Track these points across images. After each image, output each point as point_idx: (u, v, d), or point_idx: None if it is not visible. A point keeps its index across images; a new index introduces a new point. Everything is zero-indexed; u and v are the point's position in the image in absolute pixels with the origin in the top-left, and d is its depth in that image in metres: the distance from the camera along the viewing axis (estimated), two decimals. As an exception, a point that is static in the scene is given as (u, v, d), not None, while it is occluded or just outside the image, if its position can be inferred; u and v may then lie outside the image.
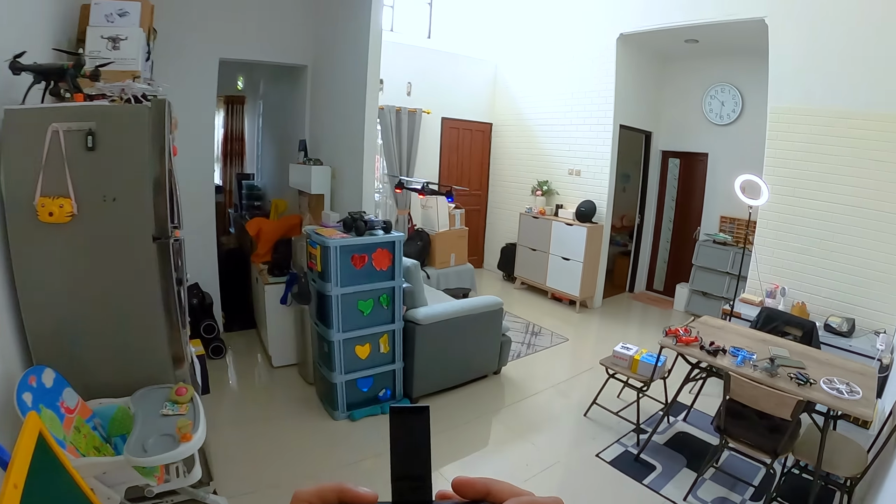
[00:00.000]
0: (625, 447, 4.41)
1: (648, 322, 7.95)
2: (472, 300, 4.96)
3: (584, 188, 8.02)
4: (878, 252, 5.44)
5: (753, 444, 3.55)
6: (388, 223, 4.31)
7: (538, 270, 8.26)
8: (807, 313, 5.58)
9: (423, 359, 4.54)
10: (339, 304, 4.02)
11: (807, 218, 5.83)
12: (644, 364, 4.52)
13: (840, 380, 3.53)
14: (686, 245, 8.74)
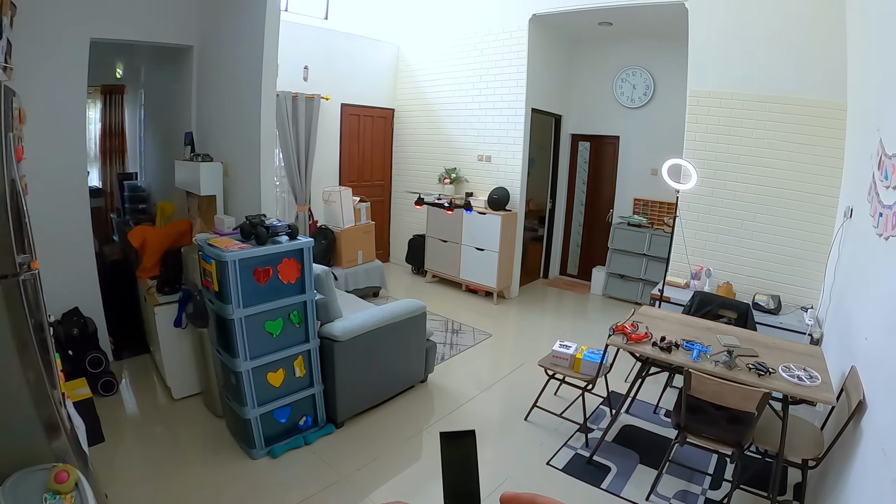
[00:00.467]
0: (574, 450, 4.18)
1: (568, 309, 7.76)
2: (392, 306, 4.41)
3: (495, 175, 7.63)
4: (798, 231, 5.60)
5: (716, 439, 3.44)
6: (294, 227, 3.67)
7: (450, 262, 7.79)
8: (733, 293, 5.63)
9: (344, 378, 3.96)
10: (244, 328, 3.37)
11: (728, 199, 5.89)
12: (587, 363, 4.26)
13: (796, 365, 3.50)
14: (599, 228, 8.66)
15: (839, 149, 5.30)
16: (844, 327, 4.10)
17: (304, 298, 3.62)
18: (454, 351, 5.75)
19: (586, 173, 8.71)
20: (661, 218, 7.86)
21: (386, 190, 8.83)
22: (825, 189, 5.43)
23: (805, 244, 5.62)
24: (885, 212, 3.25)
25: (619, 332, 3.88)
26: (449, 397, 4.82)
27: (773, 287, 5.83)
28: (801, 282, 5.70)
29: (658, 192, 7.94)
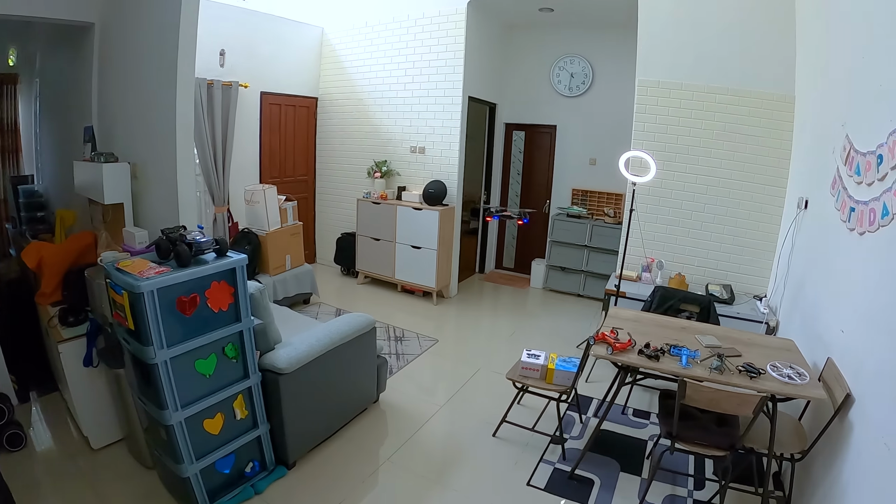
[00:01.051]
0: (552, 465, 3.91)
1: (512, 306, 7.42)
2: (338, 324, 3.83)
3: (429, 167, 7.14)
4: (747, 220, 5.70)
5: (708, 444, 3.31)
6: (222, 242, 3.03)
7: (384, 262, 7.25)
8: (686, 285, 5.59)
9: (292, 413, 3.39)
10: (171, 372, 2.72)
11: (677, 191, 5.87)
12: (561, 373, 3.93)
13: (782, 363, 3.47)
14: (535, 220, 8.29)
15: (787, 141, 5.39)
16: (810, 318, 4.11)
17: (240, 328, 3.01)
18: (401, 361, 5.25)
19: (521, 164, 8.38)
20: (601, 208, 7.64)
21: (310, 186, 8.14)
22: (773, 180, 5.50)
23: (754, 234, 5.70)
24: (861, 207, 3.30)
25: (601, 341, 3.58)
26: (406, 418, 4.32)
27: (723, 276, 5.88)
28: (751, 270, 5.80)
29: (597, 183, 7.76)
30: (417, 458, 3.84)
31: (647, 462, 4.04)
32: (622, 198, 7.52)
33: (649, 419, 4.63)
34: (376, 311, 6.40)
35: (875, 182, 3.15)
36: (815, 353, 3.79)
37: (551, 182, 8.12)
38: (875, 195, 3.13)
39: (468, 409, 4.56)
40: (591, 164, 7.78)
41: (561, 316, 7.10)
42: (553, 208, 8.08)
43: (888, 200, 2.94)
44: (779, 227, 5.61)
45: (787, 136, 5.41)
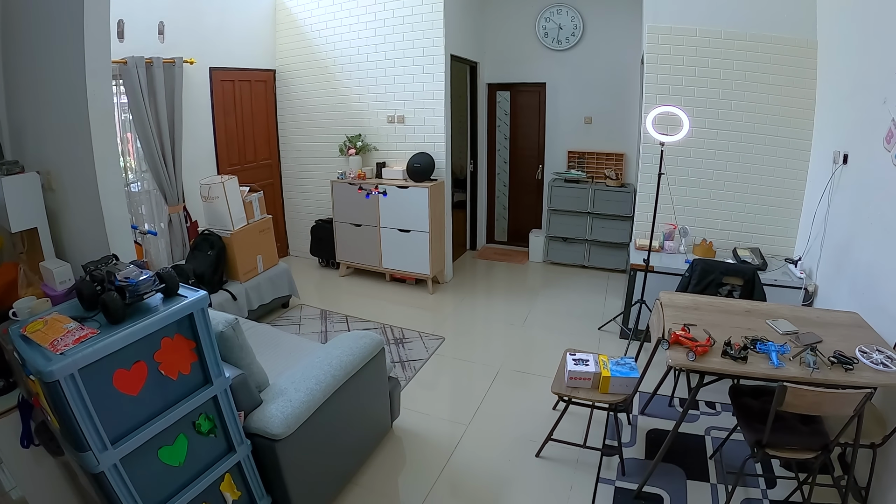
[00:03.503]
0: (611, 483, 3.35)
1: (516, 286, 6.67)
2: (339, 352, 2.96)
3: (412, 138, 6.23)
4: (773, 178, 5.25)
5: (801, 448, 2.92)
6: (168, 277, 2.10)
7: (368, 250, 6.35)
8: (713, 251, 5.14)
9: (297, 479, 2.56)
10: (125, 477, 1.87)
11: (696, 148, 5.26)
12: (620, 380, 3.26)
13: (868, 347, 3.12)
14: (527, 187, 7.64)
15: (811, 90, 4.96)
16: (866, 287, 3.81)
17: (212, 392, 2.16)
18: (408, 371, 4.45)
19: (508, 127, 7.55)
20: (602, 171, 6.90)
21: (274, 170, 7.11)
22: (798, 133, 5.08)
23: (780, 191, 5.26)
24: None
25: (677, 344, 2.99)
26: (429, 447, 3.56)
27: (748, 240, 5.40)
28: (778, 231, 5.36)
29: (595, 143, 7.03)
30: (456, 500, 3.13)
31: (710, 462, 3.58)
32: (623, 158, 6.87)
33: (699, 409, 4.12)
34: (366, 307, 5.64)
35: None
36: (882, 327, 3.46)
37: (543, 145, 7.33)
38: None
39: (499, 424, 3.83)
40: (587, 122, 7.02)
41: (571, 292, 6.39)
42: (547, 174, 7.31)
43: None
44: (805, 184, 5.21)
45: (810, 84, 4.96)
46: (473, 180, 7.57)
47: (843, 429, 2.83)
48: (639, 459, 3.55)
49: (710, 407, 4.14)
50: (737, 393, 3.28)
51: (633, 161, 6.57)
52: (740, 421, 3.14)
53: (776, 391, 2.68)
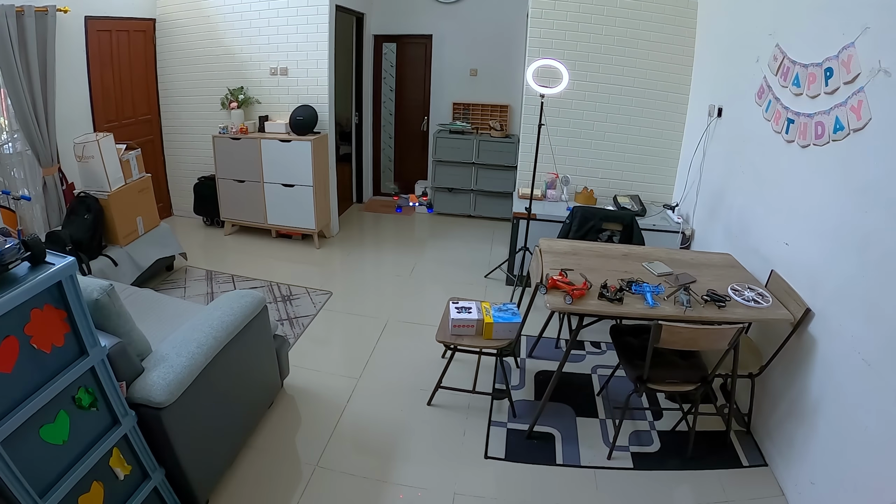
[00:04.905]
0: (503, 426, 3.48)
1: (403, 237, 6.77)
2: (220, 313, 2.85)
3: (294, 91, 6.04)
4: (652, 129, 5.55)
5: (680, 381, 3.13)
6: (34, 243, 1.92)
7: (253, 207, 6.15)
8: (594, 199, 5.40)
9: (188, 447, 2.49)
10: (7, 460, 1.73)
11: (577, 100, 5.50)
12: (502, 326, 3.33)
13: (740, 285, 3.39)
14: (413, 139, 7.68)
15: (690, 48, 5.27)
16: (739, 230, 4.12)
17: (89, 363, 2.04)
18: (296, 328, 4.40)
19: (394, 79, 7.46)
20: (486, 122, 6.99)
21: (154, 126, 6.60)
22: (676, 87, 5.39)
23: (658, 142, 5.57)
24: (802, 120, 3.29)
25: (555, 289, 3.10)
26: (321, 403, 3.57)
27: (628, 187, 5.70)
28: (656, 179, 5.70)
29: (480, 95, 7.11)
30: (351, 454, 3.17)
31: (598, 399, 3.80)
32: (507, 109, 6.98)
33: (585, 350, 4.36)
34: (252, 265, 5.51)
35: (821, 95, 3.10)
36: (753, 266, 3.76)
37: (429, 97, 7.33)
38: (822, 108, 3.08)
39: (390, 375, 3.90)
40: (472, 75, 7.09)
41: (457, 241, 6.54)
42: (433, 125, 7.32)
43: (841, 115, 2.90)
44: (682, 135, 5.51)
45: (689, 42, 5.24)
46: (359, 133, 7.47)
47: (720, 362, 3.02)
48: (529, 401, 3.70)
49: (595, 347, 4.38)
50: (617, 332, 3.47)
51: (518, 112, 6.68)
52: (622, 359, 3.30)
53: (652, 329, 2.81)
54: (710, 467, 3.25)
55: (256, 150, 5.89)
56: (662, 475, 3.19)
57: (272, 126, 5.93)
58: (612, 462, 3.24)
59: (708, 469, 3.24)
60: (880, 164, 2.64)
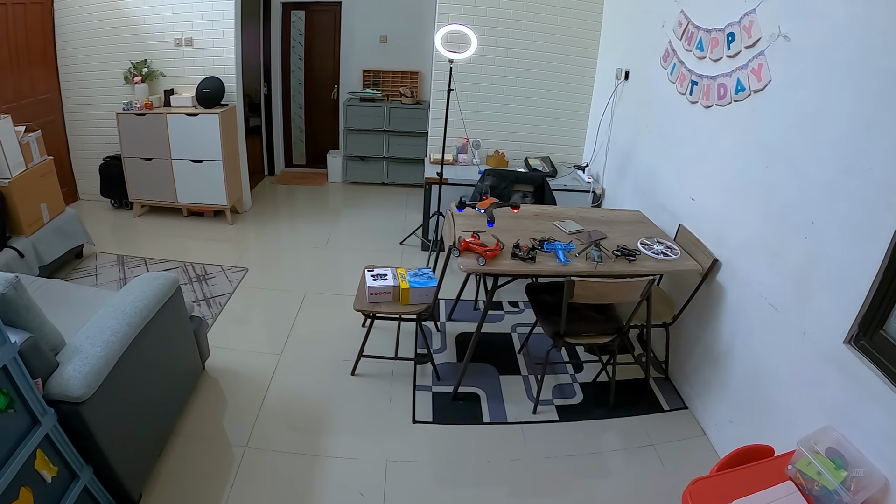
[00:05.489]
0: (429, 390, 3.49)
1: (316, 208, 6.61)
2: (133, 298, 2.66)
3: (200, 62, 5.69)
4: (562, 92, 5.67)
5: (596, 334, 3.23)
6: None
7: (162, 185, 5.79)
8: (506, 162, 5.49)
9: (113, 441, 2.34)
10: None
11: (487, 65, 5.53)
12: (419, 290, 3.32)
13: (649, 239, 3.52)
14: (323, 109, 7.48)
15: (598, 13, 5.38)
16: (647, 187, 4.28)
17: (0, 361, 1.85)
18: (214, 308, 4.22)
19: (303, 48, 7.21)
20: (397, 89, 6.90)
21: (55, 105, 5.99)
22: (585, 52, 5.51)
23: (567, 104, 5.70)
24: (706, 82, 3.44)
25: (468, 251, 3.11)
26: (245, 383, 3.44)
27: (539, 149, 5.78)
28: (566, 141, 5.85)
29: (390, 62, 7.01)
30: (280, 432, 3.08)
31: (520, 357, 3.88)
32: (418, 76, 6.90)
33: (504, 309, 4.42)
34: (165, 247, 5.23)
35: (724, 58, 3.26)
36: (661, 220, 3.94)
37: (339, 66, 7.13)
38: (725, 71, 3.24)
39: (312, 349, 3.82)
40: (382, 42, 6.96)
41: (371, 209, 6.50)
42: (343, 94, 7.14)
43: (742, 77, 3.06)
44: (591, 98, 5.67)
45: (597, 7, 5.34)
46: (268, 104, 7.20)
47: (633, 313, 3.14)
48: (451, 363, 3.74)
49: (513, 306, 4.46)
50: (533, 290, 3.53)
51: (428, 79, 6.63)
52: (538, 316, 3.37)
53: (565, 285, 2.87)
54: (633, 413, 3.39)
55: (163, 125, 5.53)
56: (588, 424, 3.30)
57: (178, 100, 5.61)
58: (538, 416, 3.32)
59: (631, 416, 3.37)
60: (780, 122, 2.77)
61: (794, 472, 2.17)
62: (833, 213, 2.40)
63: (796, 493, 2.12)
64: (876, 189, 2.15)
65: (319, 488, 2.73)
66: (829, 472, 2.03)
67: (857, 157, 2.26)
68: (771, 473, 2.22)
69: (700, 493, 2.10)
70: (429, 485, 2.82)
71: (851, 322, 2.26)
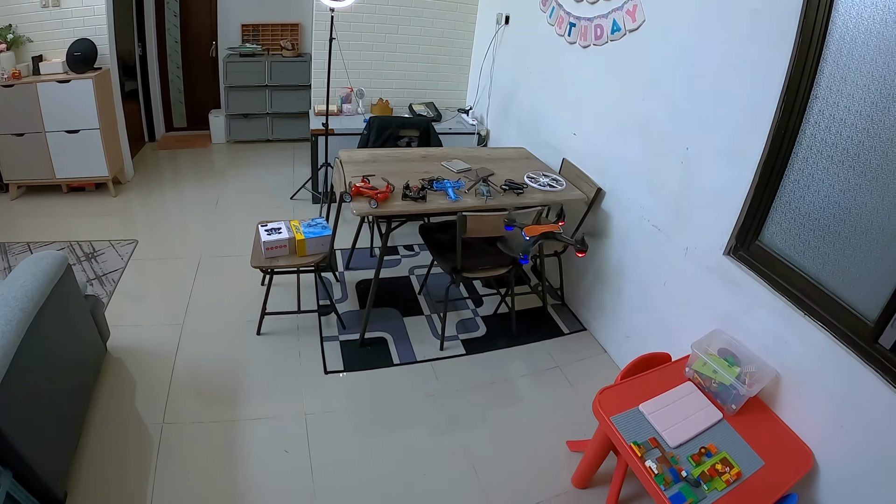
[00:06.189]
0: (336, 340, 3.48)
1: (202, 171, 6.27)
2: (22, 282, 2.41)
3: (69, 23, 5.11)
4: (442, 38, 5.63)
5: (492, 267, 3.32)
6: None
7: (38, 162, 5.19)
8: (390, 109, 5.47)
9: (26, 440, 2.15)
10: None
11: (368, 14, 5.37)
12: (314, 240, 3.28)
13: (535, 173, 3.63)
14: (202, 67, 7.03)
15: None
16: (530, 125, 4.38)
17: None
18: (107, 285, 3.94)
19: (178, 4, 6.64)
20: (277, 42, 6.62)
21: None
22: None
23: (449, 50, 5.71)
24: (583, 24, 3.54)
25: (359, 196, 3.11)
26: (151, 359, 3.25)
27: (423, 96, 5.81)
28: (449, 86, 5.89)
29: (269, 15, 6.65)
30: (194, 403, 2.97)
31: (420, 298, 3.95)
32: (298, 28, 6.64)
33: (400, 254, 4.47)
34: (48, 228, 4.77)
35: (600, 1, 3.36)
36: (545, 156, 4.07)
37: (216, 21, 6.68)
38: (601, 13, 3.34)
39: (214, 314, 3.68)
40: (261, -7, 6.57)
41: (258, 168, 6.29)
42: (222, 50, 6.75)
43: (618, 18, 3.17)
44: (472, 43, 5.69)
45: None
46: (144, 65, 6.67)
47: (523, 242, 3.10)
48: (355, 311, 3.79)
49: (408, 250, 4.52)
50: (427, 231, 3.58)
51: (309, 30, 6.37)
52: (434, 255, 3.45)
53: (457, 221, 2.96)
54: (536, 340, 3.55)
55: (33, 95, 4.95)
56: (494, 355, 3.43)
57: (48, 66, 5.04)
58: (445, 352, 3.43)
59: (534, 342, 3.52)
60: (654, 59, 2.91)
61: (692, 374, 2.37)
62: (706, 139, 2.56)
63: (696, 392, 2.32)
64: (744, 116, 2.32)
65: (244, 452, 2.69)
66: (724, 369, 2.22)
67: (727, 88, 2.42)
68: (671, 377, 2.41)
69: (608, 400, 2.25)
70: (350, 432, 2.84)
71: (728, 236, 2.45)
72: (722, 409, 2.25)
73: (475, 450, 2.77)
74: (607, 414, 2.17)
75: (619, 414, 2.18)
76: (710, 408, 2.24)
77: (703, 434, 2.14)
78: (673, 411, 2.20)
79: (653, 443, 2.06)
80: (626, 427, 2.12)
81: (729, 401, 2.23)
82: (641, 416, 2.18)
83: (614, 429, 2.12)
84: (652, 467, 1.96)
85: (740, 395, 2.17)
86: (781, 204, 2.26)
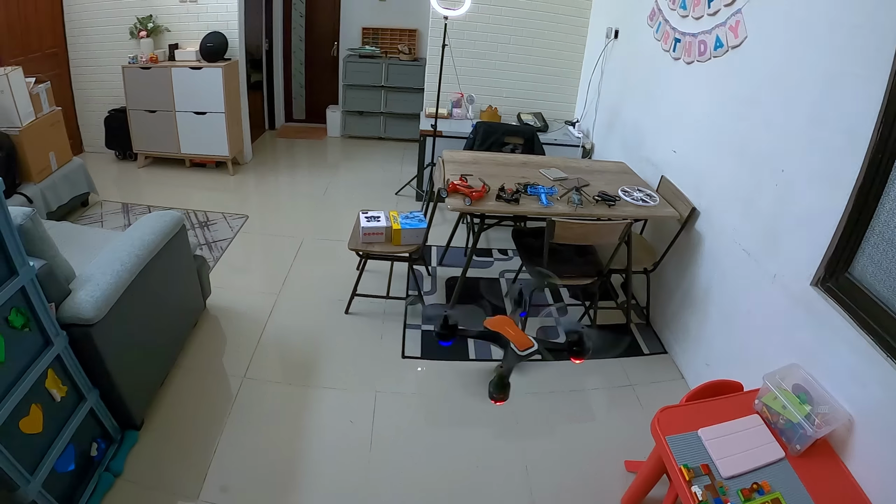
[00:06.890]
0: (418, 329, 3.54)
1: (315, 160, 6.63)
2: (140, 233, 2.73)
3: (204, 18, 5.62)
4: (553, 50, 5.64)
5: (577, 275, 3.33)
6: None
7: (166, 137, 5.76)
8: (498, 116, 5.48)
9: (120, 365, 2.42)
10: None
11: (482, 23, 5.50)
12: (410, 231, 3.39)
13: (630, 187, 3.58)
14: (323, 65, 7.40)
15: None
16: (633, 141, 4.30)
17: (19, 283, 1.93)
18: (215, 251, 4.29)
19: (304, 5, 7.09)
20: (395, 46, 6.86)
21: (62, 59, 5.91)
22: (577, 11, 5.48)
23: (559, 62, 5.69)
24: (688, 39, 3.49)
25: (455, 192, 3.19)
26: (244, 320, 3.52)
27: (532, 105, 5.77)
28: (558, 97, 5.85)
29: (388, 19, 6.93)
30: (275, 365, 3.18)
31: (507, 300, 3.94)
32: (416, 33, 6.85)
33: (493, 256, 4.48)
34: (168, 196, 5.25)
35: (704, 16, 3.30)
36: (645, 172, 3.98)
37: (339, 23, 7.04)
38: (705, 28, 3.28)
39: (308, 290, 3.89)
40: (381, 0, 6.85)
41: (368, 162, 6.52)
42: (343, 50, 7.08)
43: (721, 34, 3.11)
44: (583, 56, 5.66)
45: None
46: (269, 60, 7.14)
47: (613, 255, 3.22)
48: (441, 305, 3.82)
49: (502, 253, 4.52)
50: (519, 234, 3.61)
51: (426, 36, 6.52)
52: (522, 257, 3.46)
53: (546, 225, 2.97)
54: (614, 356, 3.46)
55: (167, 78, 5.50)
56: (570, 364, 3.32)
57: (182, 54, 5.58)
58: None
59: (612, 358, 3.44)
60: (754, 76, 2.82)
61: (761, 406, 2.24)
62: (801, 161, 2.45)
63: (762, 426, 2.18)
64: (841, 137, 2.20)
65: (311, 415, 2.83)
66: (794, 406, 2.08)
67: (824, 107, 2.31)
68: (738, 406, 2.29)
69: (668, 419, 2.17)
70: (414, 414, 2.92)
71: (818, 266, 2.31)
72: (786, 447, 2.10)
73: (532, 452, 2.76)
74: (664, 433, 2.11)
75: (676, 435, 2.11)
76: (773, 444, 2.11)
77: (760, 470, 2.01)
78: (733, 441, 2.09)
79: (704, 469, 1.97)
80: (681, 449, 2.06)
81: (794, 440, 2.07)
82: (699, 440, 2.09)
83: (668, 448, 2.05)
84: (697, 493, 1.87)
85: (807, 435, 2.02)
86: (875, 234, 2.10)
